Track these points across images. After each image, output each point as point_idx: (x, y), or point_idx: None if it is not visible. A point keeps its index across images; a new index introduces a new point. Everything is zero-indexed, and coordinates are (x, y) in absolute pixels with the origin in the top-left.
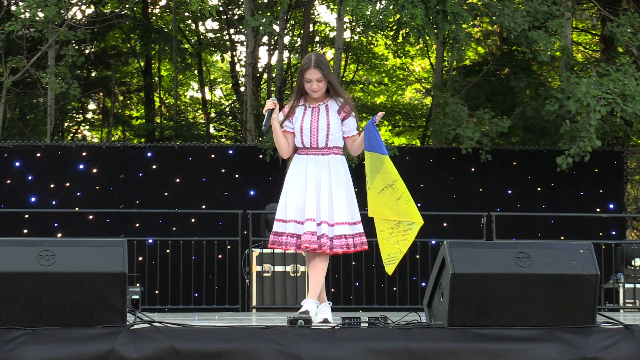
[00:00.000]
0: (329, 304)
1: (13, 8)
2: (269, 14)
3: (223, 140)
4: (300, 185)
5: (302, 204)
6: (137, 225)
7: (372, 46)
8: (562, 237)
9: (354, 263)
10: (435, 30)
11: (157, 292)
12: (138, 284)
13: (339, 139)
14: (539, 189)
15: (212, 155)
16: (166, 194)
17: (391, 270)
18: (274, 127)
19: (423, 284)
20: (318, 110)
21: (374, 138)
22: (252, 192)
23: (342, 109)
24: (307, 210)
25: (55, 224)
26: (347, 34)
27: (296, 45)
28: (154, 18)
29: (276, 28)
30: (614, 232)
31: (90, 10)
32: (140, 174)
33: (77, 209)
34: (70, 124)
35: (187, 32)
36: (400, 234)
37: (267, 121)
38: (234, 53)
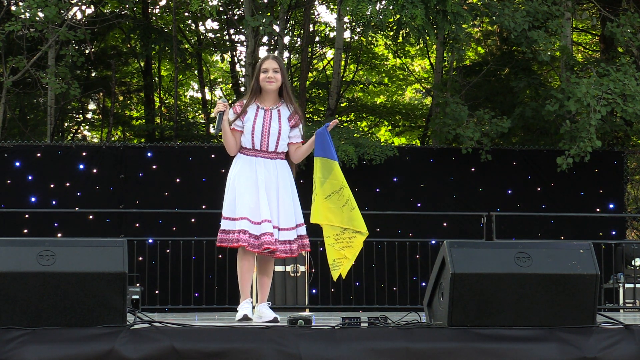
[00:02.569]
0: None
1: (13, 8)
2: (268, 14)
3: (223, 140)
4: (251, 186)
5: (254, 204)
6: (137, 225)
7: (372, 46)
8: (562, 237)
9: (354, 263)
10: (435, 31)
11: (157, 292)
12: (138, 284)
13: (286, 145)
14: (539, 189)
15: (212, 155)
16: (166, 194)
17: (336, 275)
18: (224, 127)
19: (423, 284)
20: (270, 114)
21: (326, 144)
22: None
23: (293, 116)
24: (262, 211)
25: (55, 224)
26: (347, 34)
27: (296, 45)
28: (154, 18)
29: (276, 28)
30: (614, 232)
31: (90, 10)
32: (140, 174)
33: (77, 209)
34: (70, 124)
35: (187, 32)
36: (345, 241)
37: (219, 124)
38: (234, 53)
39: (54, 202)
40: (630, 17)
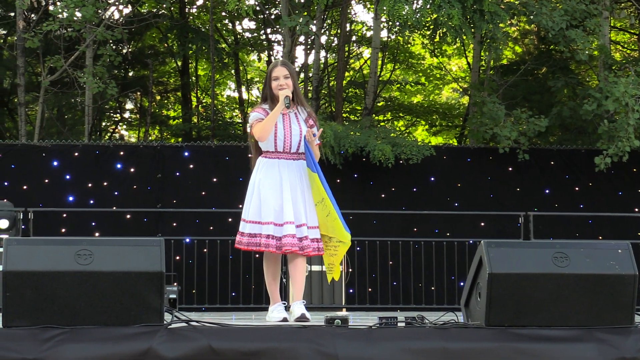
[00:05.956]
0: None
1: (51, 8)
2: (305, 13)
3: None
4: (276, 188)
5: (279, 207)
6: (174, 224)
7: (409, 45)
8: (600, 237)
9: (391, 262)
10: (473, 30)
11: (194, 291)
12: (175, 284)
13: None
14: (576, 188)
15: (249, 155)
16: (203, 193)
17: (330, 278)
18: (278, 113)
19: (461, 284)
20: (289, 117)
21: (307, 154)
22: None
23: (308, 119)
24: (286, 213)
25: (93, 223)
26: (384, 34)
27: (333, 44)
28: (191, 18)
29: (313, 28)
30: None
31: (127, 10)
32: (178, 174)
33: (114, 208)
34: (108, 124)
35: (224, 32)
36: (332, 248)
37: (288, 102)
38: (271, 52)
39: (91, 202)
40: None
